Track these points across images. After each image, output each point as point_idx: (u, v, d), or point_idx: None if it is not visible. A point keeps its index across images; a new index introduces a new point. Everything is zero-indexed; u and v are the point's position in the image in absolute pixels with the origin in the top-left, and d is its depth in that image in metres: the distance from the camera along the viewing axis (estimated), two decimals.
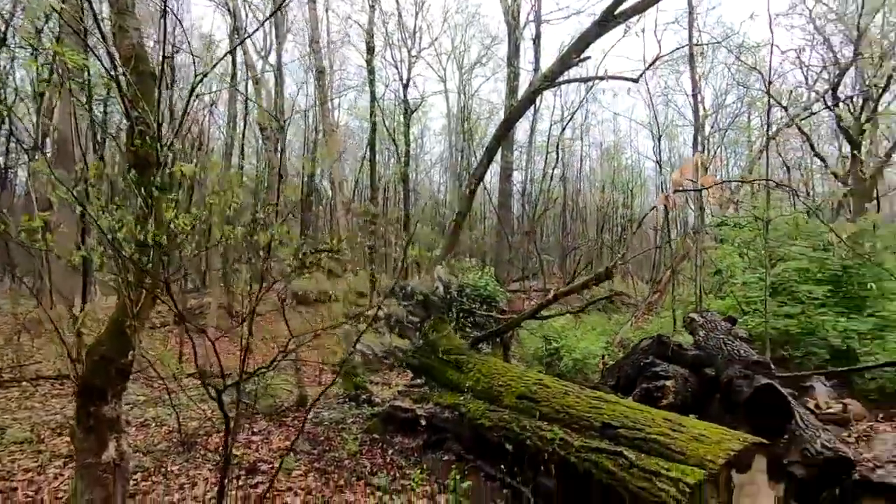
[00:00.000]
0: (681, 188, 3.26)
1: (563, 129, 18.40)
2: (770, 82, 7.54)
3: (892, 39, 14.51)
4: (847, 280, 9.12)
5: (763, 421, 3.36)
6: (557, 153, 17.57)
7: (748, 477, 2.50)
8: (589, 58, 10.45)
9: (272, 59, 17.14)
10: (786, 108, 14.87)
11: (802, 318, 8.72)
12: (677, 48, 15.26)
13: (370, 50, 14.97)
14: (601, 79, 12.56)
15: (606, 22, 9.00)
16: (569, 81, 14.48)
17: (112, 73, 2.49)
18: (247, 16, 15.98)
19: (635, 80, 10.91)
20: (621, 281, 23.23)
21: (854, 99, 15.52)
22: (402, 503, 3.57)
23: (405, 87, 18.26)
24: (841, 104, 15.16)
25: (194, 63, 12.10)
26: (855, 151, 14.65)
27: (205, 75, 2.52)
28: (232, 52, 12.29)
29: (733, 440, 2.59)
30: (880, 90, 14.58)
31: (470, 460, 4.33)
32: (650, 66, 11.63)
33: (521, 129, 21.53)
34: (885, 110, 15.15)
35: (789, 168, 20.39)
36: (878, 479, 2.73)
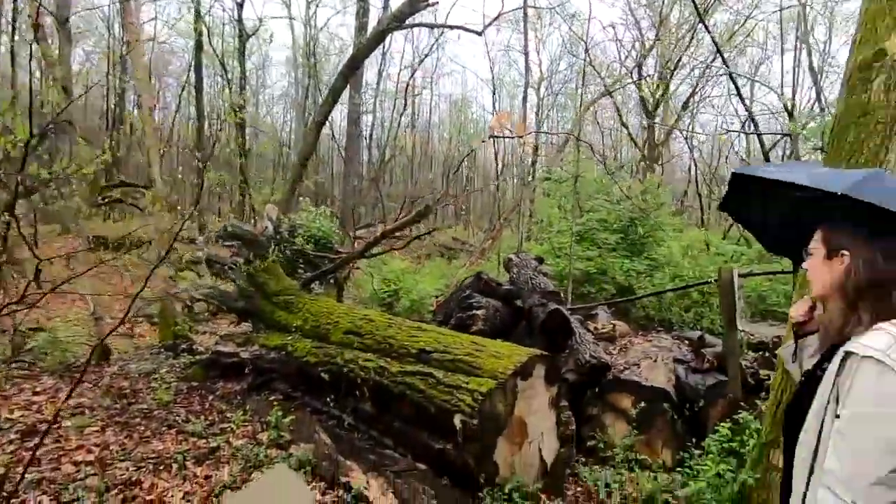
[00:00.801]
0: (498, 134, 3.50)
1: (413, 75, 18.28)
2: (587, 50, 8.39)
3: (685, 30, 17.17)
4: (633, 229, 10.94)
5: (553, 339, 3.99)
6: (406, 99, 17.47)
7: (529, 383, 2.97)
8: (437, 2, 10.38)
9: None
10: (603, 79, 16.87)
11: (599, 260, 10.29)
12: (517, 8, 15.99)
13: None
14: (448, 27, 12.68)
15: None
16: (417, 25, 14.31)
17: None
18: None
19: (479, 33, 11.24)
20: (463, 230, 24.79)
21: (653, 77, 18.25)
22: (217, 444, 3.45)
23: (240, 5, 16.13)
24: (643, 81, 17.74)
25: None
26: (650, 122, 17.42)
27: None
28: None
29: (521, 354, 3.03)
30: (671, 72, 17.39)
31: (297, 397, 4.35)
32: (493, 21, 12.04)
33: (372, 72, 20.83)
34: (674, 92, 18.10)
35: (603, 133, 23.48)
36: (623, 378, 3.47)
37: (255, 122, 22.23)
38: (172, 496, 2.83)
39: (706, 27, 8.79)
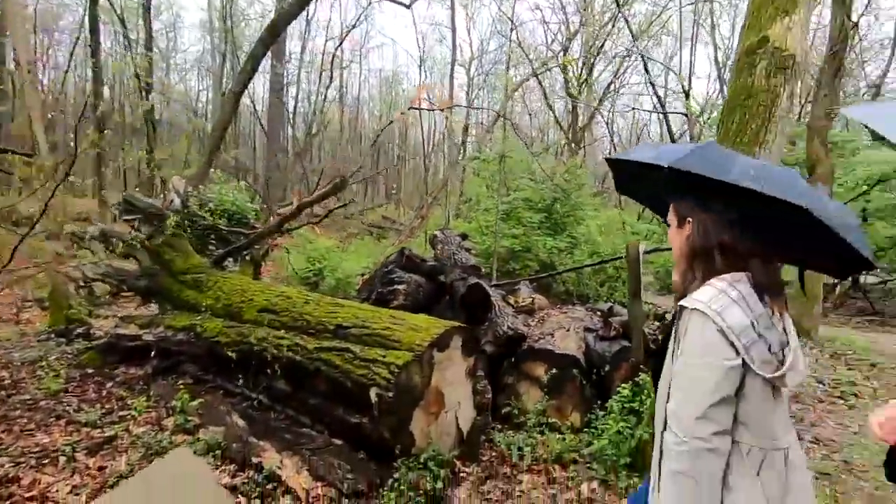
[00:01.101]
0: (418, 106, 3.44)
1: (340, 46, 17.55)
2: (512, 28, 8.45)
3: (608, 17, 17.79)
4: (555, 209, 11.36)
5: (473, 313, 4.06)
6: (332, 72, 16.78)
7: (446, 354, 3.00)
8: None
9: None
10: (530, 60, 17.16)
11: (523, 238, 10.60)
12: None
13: None
14: None
15: None
16: None
17: None
18: None
19: (407, 6, 10.97)
20: (394, 209, 24.53)
21: (578, 61, 18.83)
22: (115, 433, 3.19)
23: None
24: (567, 64, 18.26)
25: None
26: (574, 102, 18.03)
27: None
28: None
29: (439, 327, 3.04)
30: (594, 58, 18.04)
31: (208, 380, 4.12)
32: None
33: (296, 42, 19.74)
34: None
35: (531, 116, 24.05)
36: (537, 347, 3.62)
37: (165, 89, 20.39)
38: (58, 491, 2.59)
39: (625, 18, 9.21)
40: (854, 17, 8.21)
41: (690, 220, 1.40)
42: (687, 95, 8.51)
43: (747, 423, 1.26)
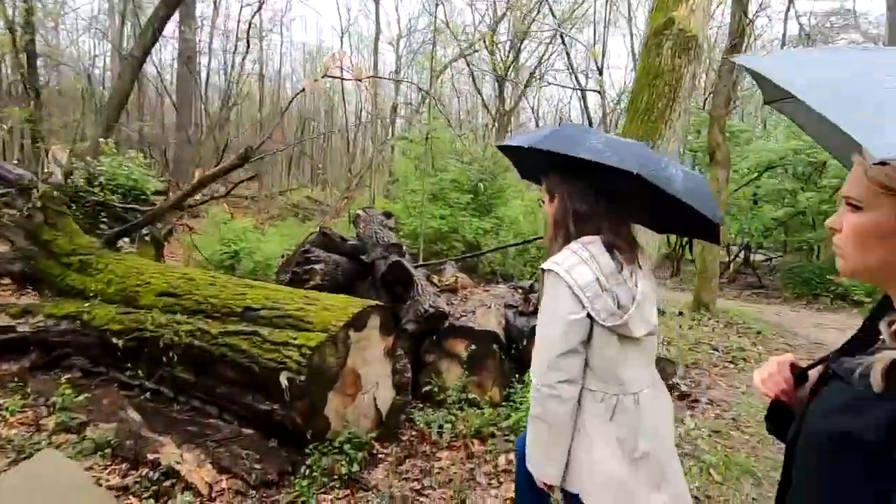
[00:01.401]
0: (332, 75, 3.23)
1: (258, 12, 16.37)
2: (438, 4, 8.29)
3: (534, 2, 18.01)
4: (481, 190, 11.47)
5: (395, 291, 3.96)
6: (249, 40, 15.66)
7: (364, 334, 2.90)
8: None
9: None
10: (458, 41, 17.07)
11: (450, 218, 10.61)
12: None
13: None
14: None
15: None
16: None
17: None
18: None
19: None
20: (320, 191, 23.64)
21: (505, 44, 19.01)
22: None
23: None
24: (495, 47, 18.39)
25: None
26: (501, 89, 18.24)
27: None
28: None
29: (355, 306, 2.92)
30: (520, 42, 18.29)
31: (100, 373, 3.72)
32: None
33: (208, 6, 18.16)
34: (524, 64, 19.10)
35: (459, 96, 24.05)
36: (458, 325, 3.61)
37: (52, 51, 18.00)
38: None
39: (548, 2, 9.35)
40: (750, 16, 8.91)
41: (556, 193, 1.55)
42: (601, 72, 8.83)
43: (597, 372, 1.39)
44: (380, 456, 2.79)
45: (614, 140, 1.53)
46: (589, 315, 1.35)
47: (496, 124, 19.09)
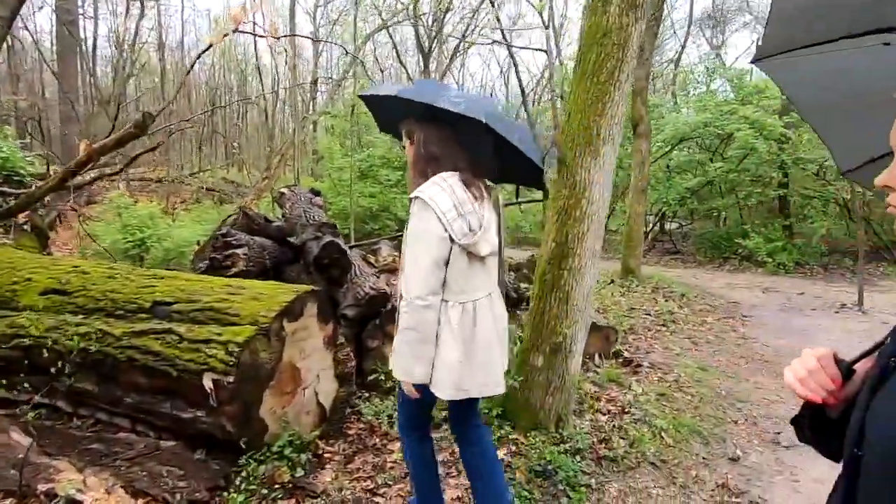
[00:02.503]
0: (243, 30, 2.80)
1: None
2: None
3: None
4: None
5: (331, 274, 3.64)
6: (143, 4, 13.93)
7: (301, 323, 2.59)
8: None
9: None
10: (379, 12, 16.30)
11: (381, 196, 10.25)
12: None
13: None
14: None
15: None
16: None
17: None
18: None
19: None
20: (237, 172, 21.98)
21: (428, 16, 18.48)
22: None
23: None
24: (419, 20, 17.82)
25: None
26: (426, 64, 17.78)
27: None
28: None
29: (287, 293, 2.60)
30: (443, 14, 17.85)
31: None
32: None
33: None
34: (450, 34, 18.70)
35: (382, 71, 23.20)
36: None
37: None
38: None
39: None
40: None
41: (415, 136, 1.79)
42: (547, 26, 8.75)
43: (450, 284, 1.67)
44: (326, 455, 2.53)
45: (469, 94, 1.89)
46: (449, 236, 1.63)
47: None
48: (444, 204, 1.63)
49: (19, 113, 14.92)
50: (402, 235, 6.68)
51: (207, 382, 2.26)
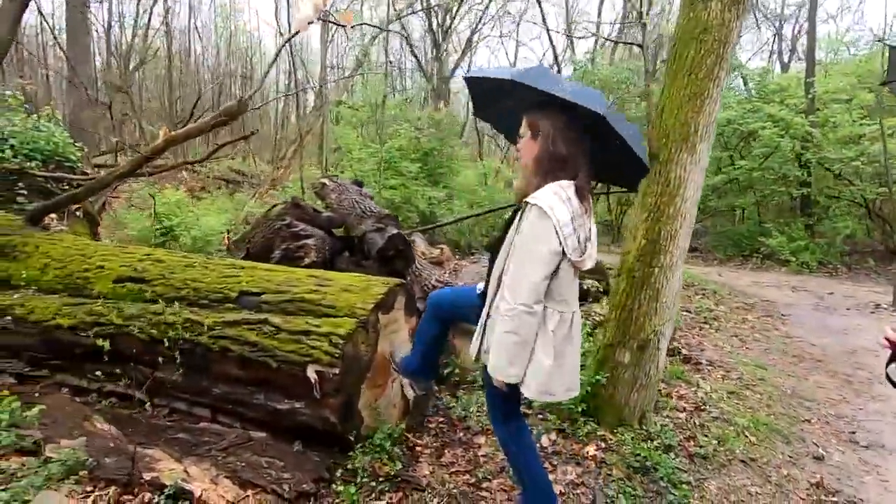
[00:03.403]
0: (325, 18, 2.75)
1: None
2: None
3: None
4: (431, 158, 11.13)
5: (395, 267, 3.62)
6: None
7: (392, 316, 2.57)
8: None
9: None
10: (394, 6, 16.16)
11: (402, 189, 10.20)
12: None
13: None
14: None
15: None
16: None
17: None
18: None
19: None
20: (242, 161, 21.80)
21: (438, 9, 18.34)
22: None
23: None
24: (432, 11, 17.71)
25: None
26: (438, 53, 17.67)
27: None
28: None
29: (378, 284, 2.58)
30: (457, 5, 17.72)
31: (44, 377, 3.08)
32: None
33: None
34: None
35: (391, 62, 23.04)
36: None
37: None
38: None
39: None
40: None
41: (541, 132, 1.70)
42: (641, 16, 8.65)
43: (552, 293, 1.68)
44: (417, 449, 2.53)
45: (575, 84, 1.73)
46: (562, 250, 1.62)
47: (434, 92, 18.56)
48: (563, 216, 1.60)
49: (28, 97, 14.73)
50: (428, 229, 6.60)
51: (312, 374, 2.25)
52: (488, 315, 1.76)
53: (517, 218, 1.70)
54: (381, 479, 2.18)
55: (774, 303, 6.30)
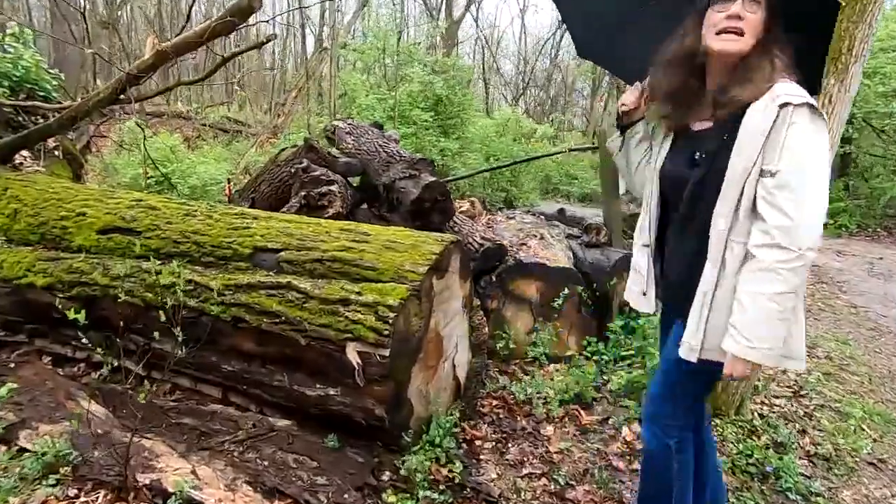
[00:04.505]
0: None
1: None
2: None
3: None
4: (442, 107, 10.36)
5: (430, 220, 3.08)
6: None
7: (445, 282, 2.06)
8: None
9: None
10: None
11: (414, 138, 9.49)
12: None
13: None
14: None
15: None
16: None
17: None
18: None
19: None
20: (238, 111, 20.72)
21: None
22: None
23: None
24: None
25: None
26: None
27: None
28: None
29: (429, 241, 2.04)
30: None
31: (20, 343, 2.60)
32: None
33: None
34: None
35: (395, 4, 21.54)
36: (526, 261, 2.84)
37: None
38: None
39: None
40: None
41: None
42: None
43: None
44: (476, 442, 2.07)
45: None
46: None
47: (444, 36, 17.37)
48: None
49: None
50: (452, 181, 5.94)
51: (353, 356, 1.75)
52: (716, 287, 1.24)
53: (765, 129, 1.17)
54: (441, 488, 1.73)
55: (824, 268, 5.81)
